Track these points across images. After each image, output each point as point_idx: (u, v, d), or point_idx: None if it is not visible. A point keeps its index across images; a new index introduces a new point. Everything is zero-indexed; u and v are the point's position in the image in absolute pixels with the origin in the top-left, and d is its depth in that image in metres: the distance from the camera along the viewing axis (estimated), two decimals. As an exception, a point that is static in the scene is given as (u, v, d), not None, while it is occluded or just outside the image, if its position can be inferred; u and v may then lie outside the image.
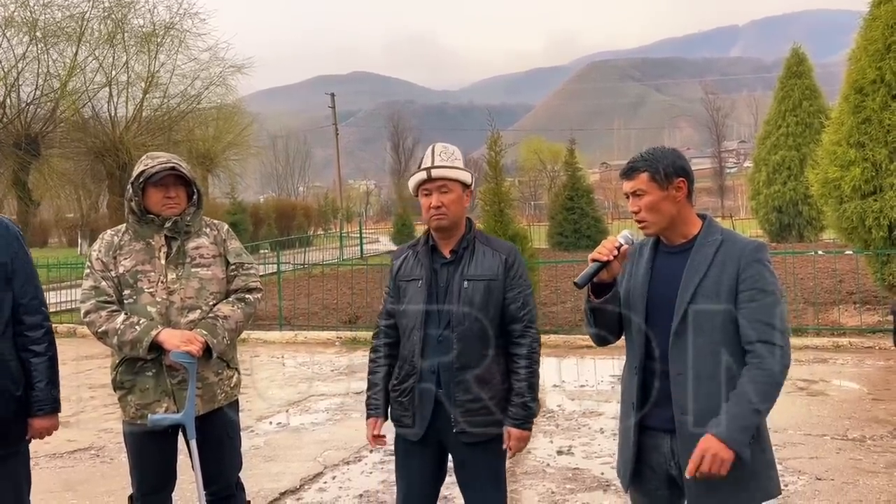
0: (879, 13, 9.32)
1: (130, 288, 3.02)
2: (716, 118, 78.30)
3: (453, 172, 2.75)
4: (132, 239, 3.08)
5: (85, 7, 20.22)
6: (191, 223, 3.10)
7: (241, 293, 3.15)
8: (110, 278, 3.03)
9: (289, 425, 6.15)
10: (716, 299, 2.28)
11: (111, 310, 2.99)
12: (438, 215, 2.74)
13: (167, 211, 3.03)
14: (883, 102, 9.05)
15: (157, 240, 3.05)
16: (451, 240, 2.81)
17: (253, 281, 3.20)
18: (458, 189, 2.77)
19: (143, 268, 3.03)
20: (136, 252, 3.05)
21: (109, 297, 3.01)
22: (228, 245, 3.19)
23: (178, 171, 3.02)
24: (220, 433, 3.12)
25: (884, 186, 9.04)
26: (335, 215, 49.16)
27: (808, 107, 21.18)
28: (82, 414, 6.77)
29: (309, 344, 10.16)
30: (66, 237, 44.40)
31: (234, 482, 3.23)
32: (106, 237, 3.13)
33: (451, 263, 2.79)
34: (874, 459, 4.83)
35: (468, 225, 2.86)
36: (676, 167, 2.36)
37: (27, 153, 19.13)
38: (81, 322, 13.40)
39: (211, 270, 3.10)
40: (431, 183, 2.74)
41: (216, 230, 3.20)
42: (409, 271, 2.84)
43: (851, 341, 8.59)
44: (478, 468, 2.77)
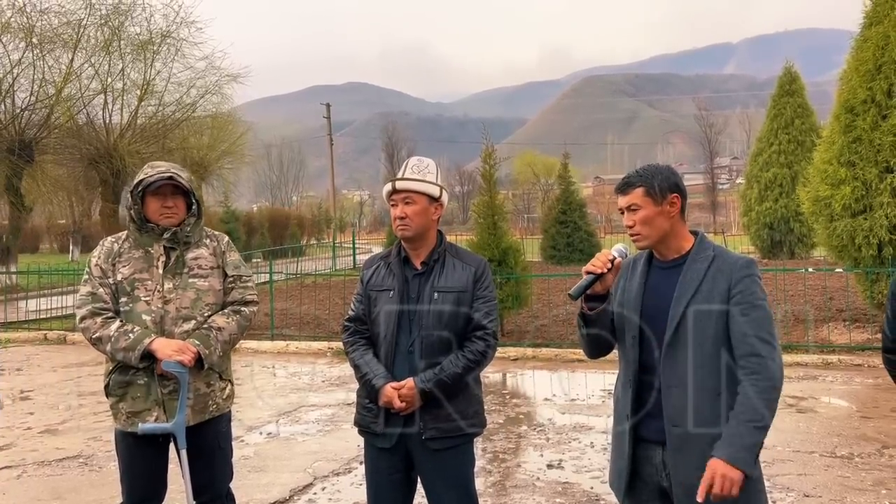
0: (870, 34, 9.43)
1: (127, 295, 3.03)
2: (709, 134, 78.66)
3: (418, 185, 2.84)
4: (132, 247, 3.10)
5: (82, 14, 20.18)
6: (190, 234, 3.12)
7: (238, 305, 3.16)
8: (108, 285, 3.05)
9: (279, 435, 6.14)
10: (707, 313, 2.32)
11: (106, 317, 3.00)
12: (402, 226, 2.84)
13: (164, 221, 3.05)
14: (873, 122, 9.14)
15: (157, 249, 3.07)
16: (422, 251, 2.89)
17: (250, 294, 3.21)
18: (424, 201, 2.84)
19: (141, 276, 3.05)
20: (134, 260, 3.07)
21: (106, 303, 3.02)
22: (227, 257, 3.21)
23: (176, 181, 3.04)
24: (212, 444, 3.12)
25: (874, 205, 9.11)
26: (328, 225, 49.08)
27: (801, 125, 21.37)
28: (71, 421, 6.73)
29: (300, 354, 10.14)
30: (58, 243, 44.19)
31: (225, 493, 3.23)
32: (106, 244, 3.15)
33: (422, 275, 2.87)
34: (862, 477, 4.86)
35: (439, 238, 2.93)
36: (671, 183, 2.41)
37: (20, 159, 19.04)
38: (72, 329, 13.28)
39: (208, 281, 3.12)
40: (397, 194, 2.85)
41: (216, 241, 3.23)
42: (380, 281, 2.91)
43: (841, 359, 8.64)
44: (445, 475, 2.80)
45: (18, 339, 12.07)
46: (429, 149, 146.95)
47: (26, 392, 8.04)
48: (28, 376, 9.03)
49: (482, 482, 4.82)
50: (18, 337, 12.16)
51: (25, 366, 9.77)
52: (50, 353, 10.77)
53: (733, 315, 2.30)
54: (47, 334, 12.17)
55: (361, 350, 2.89)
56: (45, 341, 11.93)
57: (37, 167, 20.23)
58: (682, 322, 2.33)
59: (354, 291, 3.05)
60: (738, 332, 2.30)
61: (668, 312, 2.35)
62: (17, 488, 5.00)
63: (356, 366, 2.89)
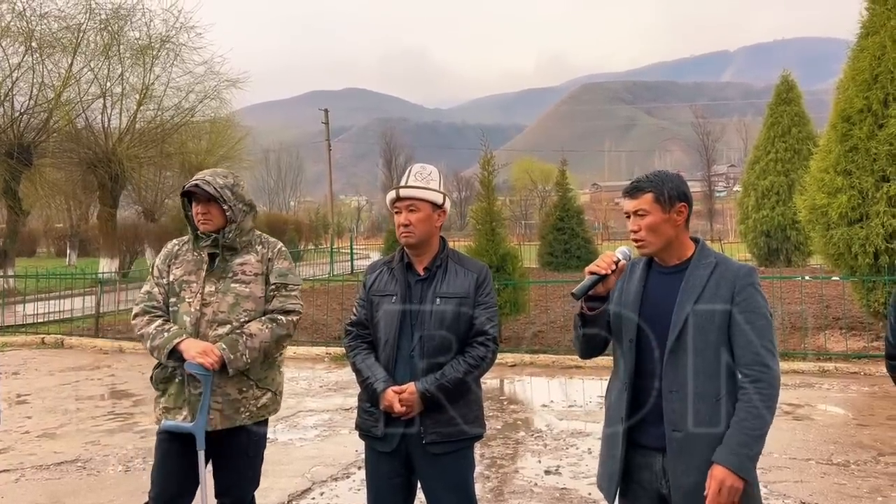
0: (867, 44, 9.50)
1: (176, 296, 3.14)
2: (706, 142, 78.87)
3: (422, 193, 2.86)
4: (189, 249, 3.21)
5: (81, 18, 20.24)
6: (232, 239, 3.15)
7: (276, 314, 3.17)
8: (162, 285, 3.17)
9: (277, 440, 6.14)
10: (710, 318, 2.34)
11: (153, 315, 3.11)
12: (406, 232, 2.86)
13: (202, 226, 3.14)
14: (870, 131, 9.20)
15: (204, 253, 3.17)
16: (425, 257, 2.92)
17: (291, 303, 3.21)
18: (427, 209, 2.87)
19: (189, 278, 3.14)
20: (187, 262, 3.18)
21: (158, 302, 3.15)
22: (275, 264, 3.22)
23: (202, 188, 3.09)
24: (239, 450, 3.14)
25: (870, 214, 9.16)
26: (326, 230, 49.08)
27: (797, 133, 21.47)
28: (69, 425, 6.72)
29: (298, 359, 10.13)
30: (55, 247, 44.10)
31: (249, 499, 3.25)
32: (168, 246, 3.28)
33: (424, 280, 2.89)
34: (858, 484, 4.88)
35: (442, 244, 2.96)
36: (680, 192, 2.43)
37: (19, 162, 19.05)
38: (69, 332, 13.28)
39: (249, 287, 3.15)
40: (401, 202, 2.88)
41: (267, 248, 3.26)
42: (383, 286, 2.93)
43: (837, 366, 8.66)
44: (446, 479, 2.82)
45: (16, 342, 12.05)
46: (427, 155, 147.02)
47: (24, 396, 8.04)
48: (25, 380, 9.02)
49: (480, 488, 4.83)
50: (16, 341, 12.14)
51: (23, 370, 9.76)
52: (47, 357, 10.75)
53: (737, 322, 2.32)
54: (45, 338, 12.15)
55: (363, 354, 2.91)
56: (43, 345, 11.92)
57: (35, 171, 20.23)
58: (685, 327, 2.34)
59: (357, 296, 3.07)
60: (742, 340, 2.32)
61: (667, 317, 2.37)
62: (16, 492, 5.00)
63: (357, 369, 2.90)
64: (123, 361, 10.30)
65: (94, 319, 12.76)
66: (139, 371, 9.19)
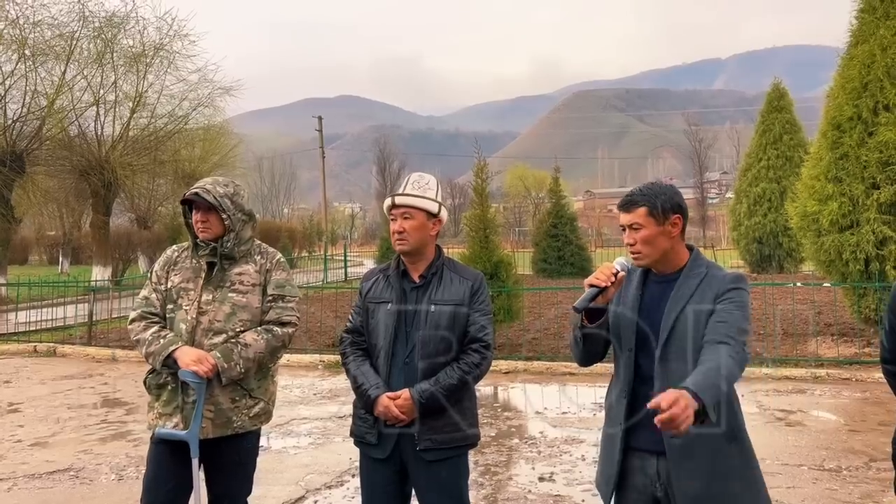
0: (857, 53, 9.59)
1: (173, 303, 3.14)
2: (698, 149, 79.18)
3: (417, 201, 2.89)
4: (188, 257, 3.21)
5: (75, 26, 20.24)
6: (230, 249, 3.15)
7: (272, 325, 3.16)
8: (160, 291, 3.17)
9: (270, 448, 6.13)
10: (696, 325, 2.36)
11: (149, 321, 3.12)
12: (400, 240, 2.89)
13: (201, 234, 3.15)
14: (860, 139, 9.27)
15: (202, 261, 3.17)
16: (420, 265, 2.94)
17: (287, 315, 3.19)
18: (422, 217, 2.89)
19: (187, 286, 3.15)
20: (185, 270, 3.18)
21: (155, 308, 3.15)
22: (273, 275, 3.22)
23: (202, 196, 3.09)
24: (231, 459, 3.14)
25: (861, 221, 9.23)
26: (320, 237, 49.06)
27: (789, 140, 21.61)
28: (61, 434, 6.70)
29: (292, 367, 10.12)
30: (48, 255, 43.92)
31: None
32: (167, 252, 3.29)
33: (419, 288, 2.91)
34: (850, 490, 4.90)
35: (437, 252, 2.99)
36: (673, 204, 2.45)
37: (11, 170, 19.00)
38: (62, 341, 13.21)
39: (246, 298, 3.15)
40: (396, 209, 2.90)
41: (265, 258, 3.26)
42: (378, 293, 2.95)
43: (829, 372, 8.70)
44: (440, 486, 2.83)
45: (8, 351, 12.00)
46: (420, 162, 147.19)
47: (16, 404, 8.00)
48: (17, 388, 8.98)
49: (474, 495, 4.83)
50: (8, 349, 12.08)
51: (14, 378, 9.72)
52: (39, 366, 10.71)
53: (717, 310, 2.32)
54: (37, 346, 12.10)
55: (358, 361, 2.92)
56: (35, 353, 11.86)
57: (27, 178, 20.17)
58: (672, 333, 2.37)
59: (353, 303, 3.08)
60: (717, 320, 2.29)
61: (659, 324, 2.41)
62: (8, 501, 4.97)
63: (352, 376, 2.92)
64: (116, 370, 10.26)
65: (86, 327, 12.71)
66: (132, 379, 9.16)
